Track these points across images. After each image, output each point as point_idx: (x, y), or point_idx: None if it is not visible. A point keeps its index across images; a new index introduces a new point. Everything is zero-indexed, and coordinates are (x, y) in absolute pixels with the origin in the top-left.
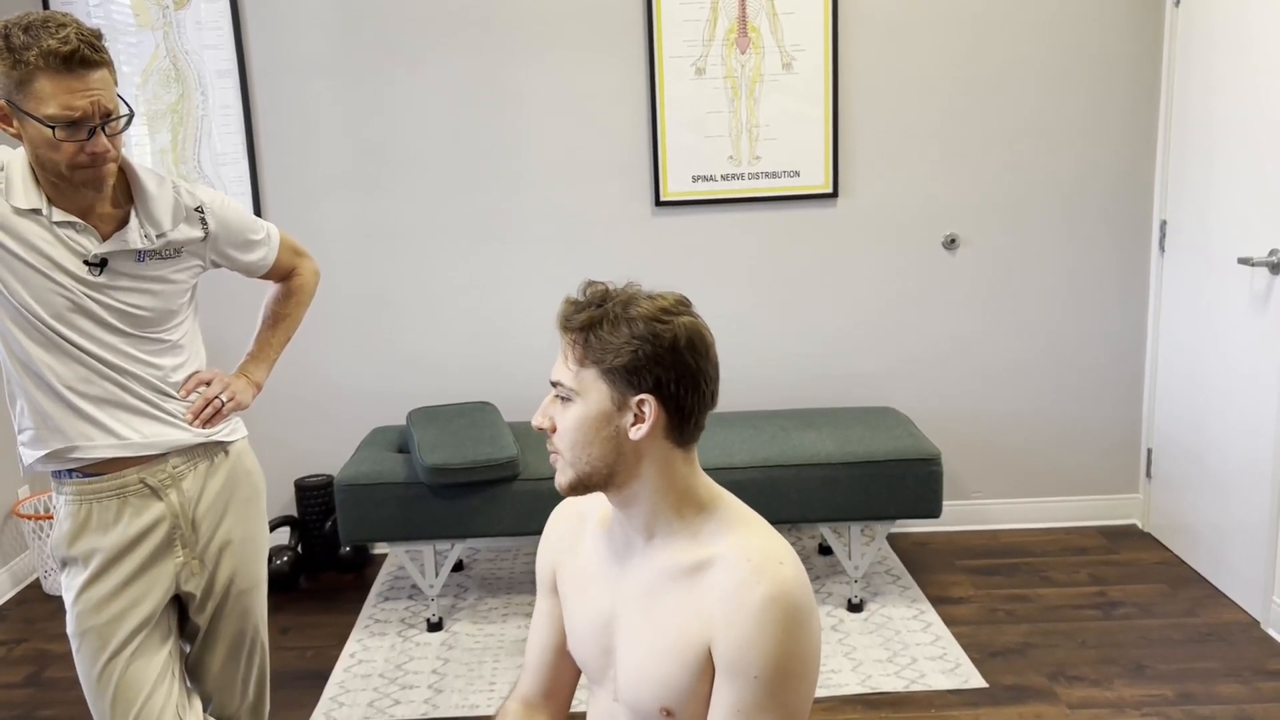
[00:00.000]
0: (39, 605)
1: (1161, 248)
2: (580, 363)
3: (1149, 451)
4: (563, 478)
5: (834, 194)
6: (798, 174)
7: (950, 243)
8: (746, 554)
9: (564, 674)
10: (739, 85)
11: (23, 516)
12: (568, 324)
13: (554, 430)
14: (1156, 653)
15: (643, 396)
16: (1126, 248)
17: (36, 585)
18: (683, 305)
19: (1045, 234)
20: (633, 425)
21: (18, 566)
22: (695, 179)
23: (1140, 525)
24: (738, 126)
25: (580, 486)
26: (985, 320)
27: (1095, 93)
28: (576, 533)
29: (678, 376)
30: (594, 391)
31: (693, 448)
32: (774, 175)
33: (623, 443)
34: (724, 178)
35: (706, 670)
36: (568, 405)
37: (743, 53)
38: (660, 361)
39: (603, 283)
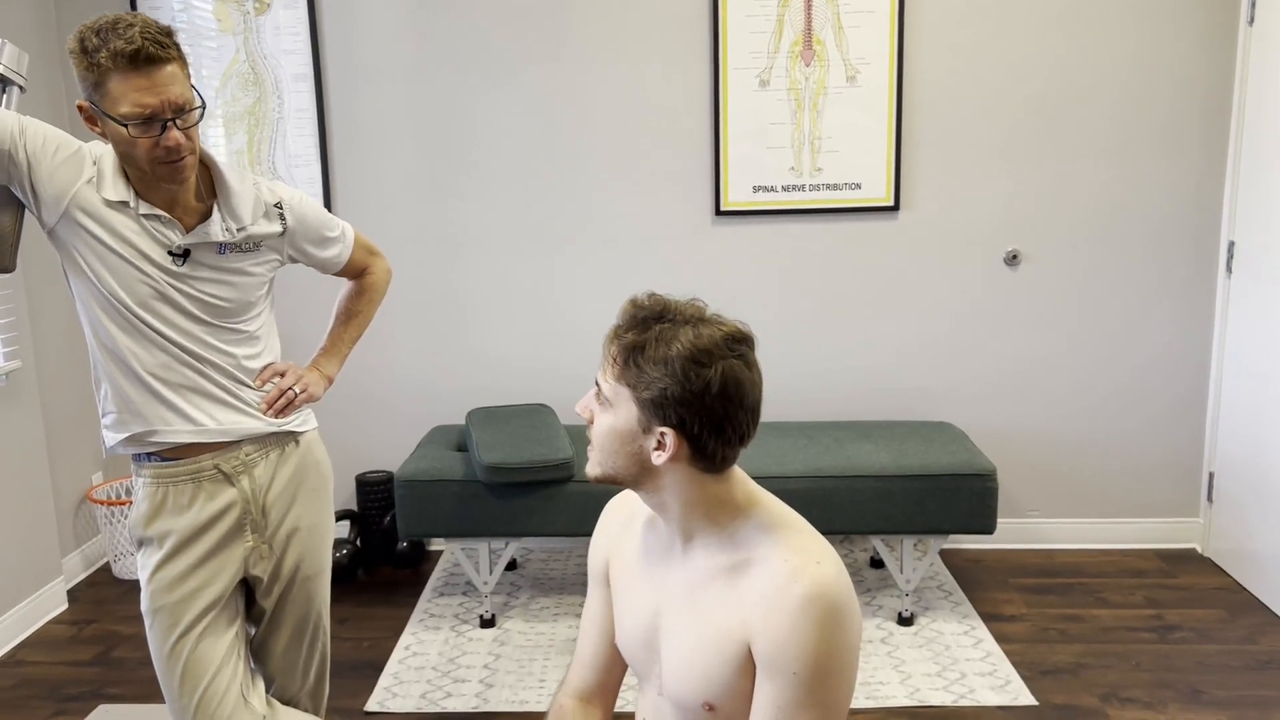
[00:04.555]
0: (109, 588)
1: (1229, 269)
2: (617, 380)
3: (1210, 475)
4: (592, 470)
5: (895, 207)
6: (859, 186)
7: (1012, 259)
8: (784, 555)
9: (615, 667)
10: (802, 97)
11: (96, 501)
12: (615, 337)
13: (591, 422)
14: (1213, 678)
15: (665, 430)
16: (1192, 268)
17: (107, 569)
18: (731, 344)
19: (1109, 252)
20: (655, 450)
21: (90, 550)
22: (756, 189)
23: (1200, 549)
24: (800, 138)
25: (607, 481)
26: (1046, 338)
27: (1165, 111)
28: (628, 526)
29: (702, 421)
30: (625, 409)
31: (723, 471)
32: (835, 187)
33: (645, 461)
34: (785, 189)
35: (747, 667)
36: (604, 409)
37: (807, 65)
38: (686, 404)
39: (665, 298)
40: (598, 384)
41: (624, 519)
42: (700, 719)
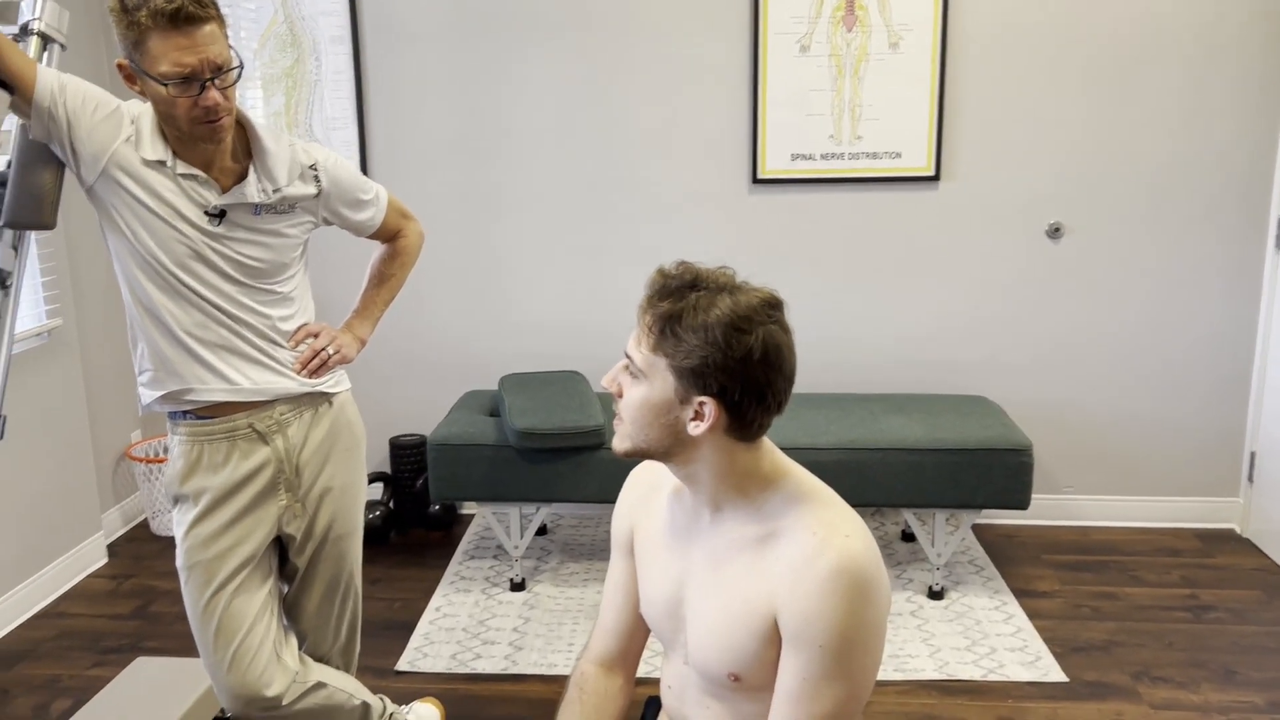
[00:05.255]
0: (147, 544)
1: (1279, 245)
2: (653, 350)
3: (1252, 455)
4: (620, 444)
5: (936, 177)
6: (899, 155)
7: (1054, 231)
8: (813, 527)
9: (638, 635)
10: (843, 64)
11: (134, 459)
12: (649, 307)
13: (620, 396)
14: (1248, 659)
15: (705, 399)
16: (1240, 244)
17: (145, 525)
18: (769, 310)
19: (1154, 226)
20: (692, 420)
21: (129, 506)
22: (794, 157)
23: (1239, 530)
24: (840, 105)
25: (637, 455)
26: (1086, 312)
27: (1215, 82)
28: (652, 497)
29: (744, 388)
30: (660, 380)
31: (757, 439)
32: (875, 156)
33: (680, 432)
34: (824, 157)
35: (773, 638)
36: (636, 381)
37: (849, 30)
38: (728, 371)
39: (695, 265)
40: (628, 356)
41: (647, 488)
42: (725, 689)
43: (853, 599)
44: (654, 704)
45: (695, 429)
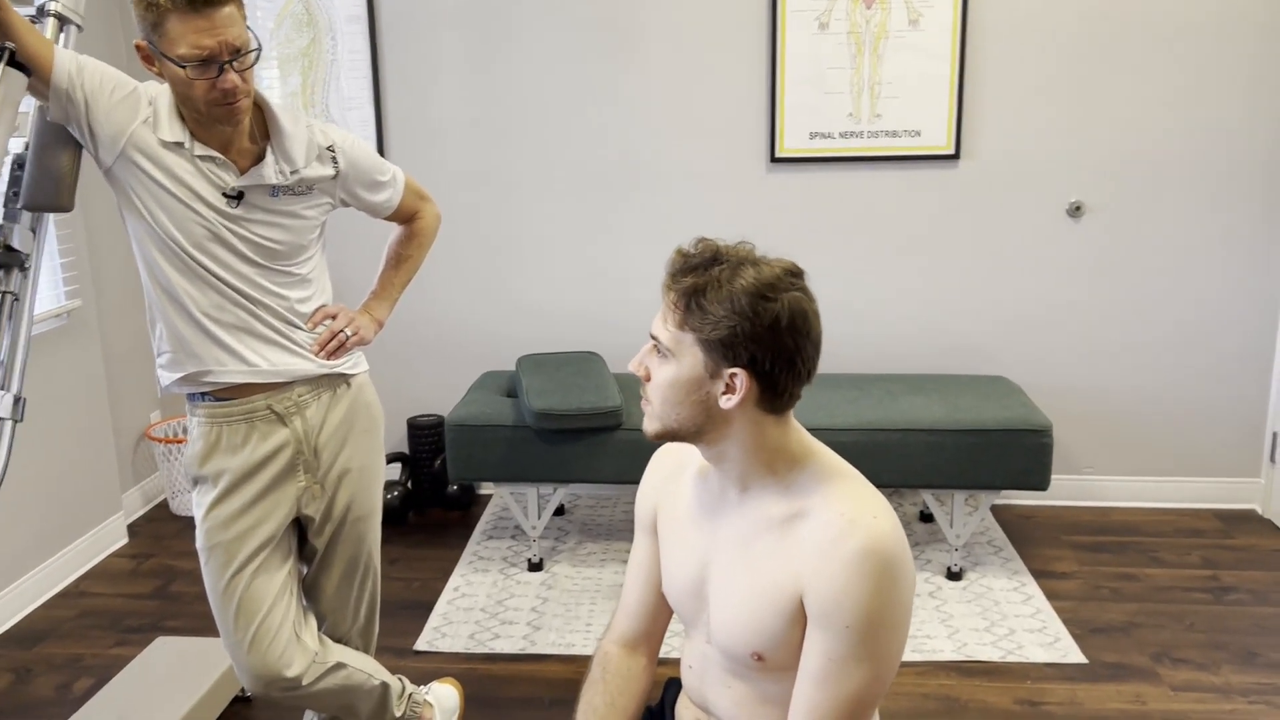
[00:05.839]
0: (167, 524)
1: None
2: (680, 326)
3: (1275, 435)
4: (650, 426)
5: (956, 155)
6: (919, 134)
7: (1075, 210)
8: (840, 508)
9: (661, 615)
10: (863, 41)
11: (154, 439)
12: (673, 284)
13: (648, 379)
14: (1269, 641)
15: (735, 370)
16: (1263, 222)
17: (165, 505)
18: (792, 278)
19: (1175, 204)
20: (723, 394)
21: (149, 486)
22: (812, 136)
23: (1260, 511)
24: (859, 83)
25: (667, 436)
26: (1108, 291)
27: (1240, 57)
28: (677, 477)
29: (774, 356)
30: (689, 356)
31: (786, 413)
32: (894, 134)
33: (712, 408)
34: (842, 135)
35: (798, 618)
36: (664, 361)
37: (868, 8)
38: (758, 340)
39: (714, 241)
40: (654, 337)
41: (671, 468)
42: (748, 668)
43: (880, 580)
44: (674, 685)
45: (727, 402)
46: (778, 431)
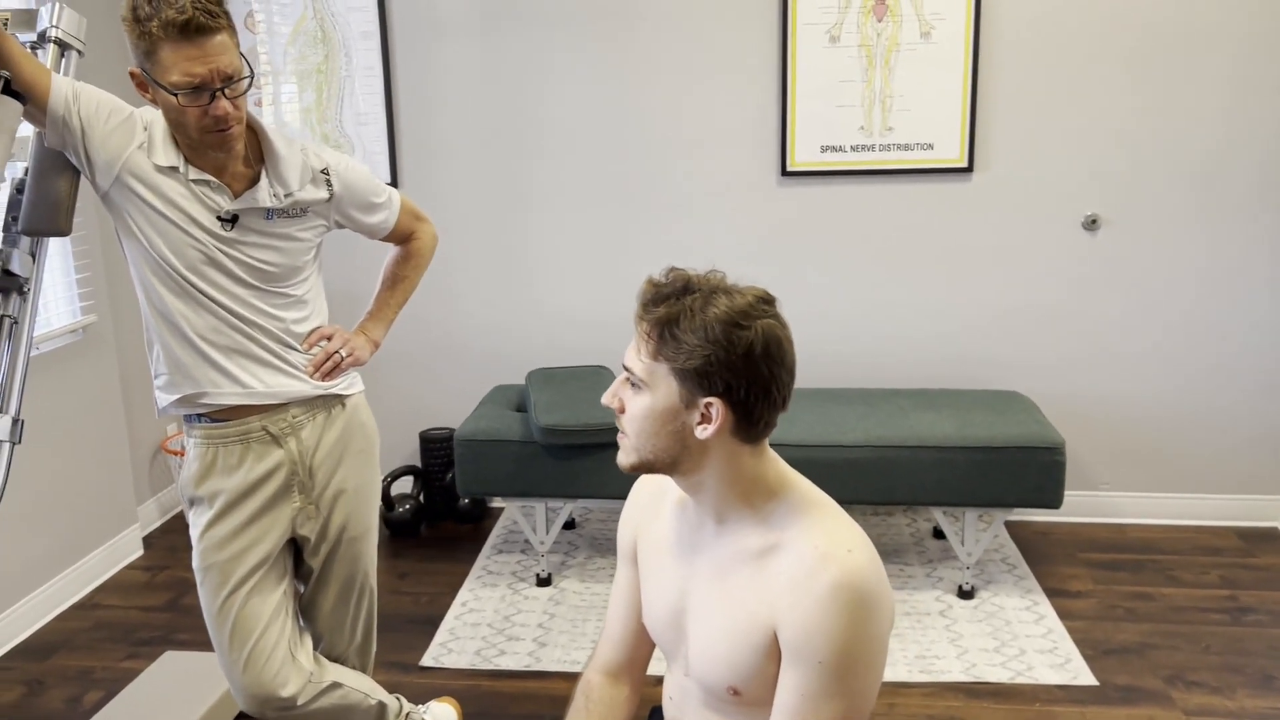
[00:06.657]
0: (182, 535)
1: None
2: (653, 357)
3: None
4: (625, 459)
5: (969, 168)
6: (931, 147)
7: (1091, 223)
8: (815, 541)
9: (644, 644)
10: (874, 54)
11: (170, 452)
12: (645, 314)
13: (622, 411)
14: None
15: (711, 399)
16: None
17: (180, 517)
18: (764, 305)
19: (1191, 218)
20: (699, 424)
21: (165, 498)
22: (824, 149)
23: None
24: (870, 96)
25: (643, 468)
26: (1124, 305)
27: (1257, 70)
28: (656, 506)
29: (749, 384)
30: (663, 386)
31: (762, 443)
32: (906, 147)
33: (688, 438)
34: (854, 149)
35: (773, 653)
36: (638, 392)
37: (879, 20)
38: (732, 368)
39: (685, 271)
40: (627, 368)
41: (651, 496)
42: (725, 702)
43: (854, 615)
44: (658, 714)
45: (703, 432)
46: (754, 462)
